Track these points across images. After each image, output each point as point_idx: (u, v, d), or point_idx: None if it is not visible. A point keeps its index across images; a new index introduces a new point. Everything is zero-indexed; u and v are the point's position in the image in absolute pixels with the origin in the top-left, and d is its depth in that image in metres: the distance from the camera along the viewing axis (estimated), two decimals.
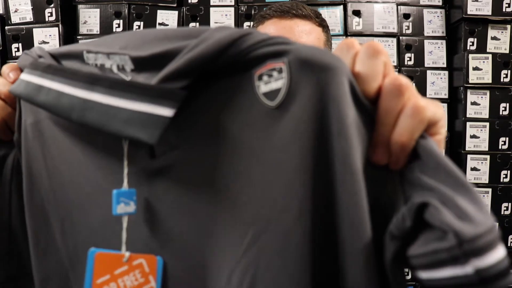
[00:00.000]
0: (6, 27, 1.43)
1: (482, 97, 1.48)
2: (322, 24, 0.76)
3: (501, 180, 1.48)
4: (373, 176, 0.30)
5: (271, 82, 0.30)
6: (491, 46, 1.49)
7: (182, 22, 1.48)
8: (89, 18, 1.47)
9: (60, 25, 1.43)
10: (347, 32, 1.49)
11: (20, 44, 1.43)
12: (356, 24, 1.50)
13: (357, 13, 1.50)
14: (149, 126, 0.30)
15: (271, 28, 0.73)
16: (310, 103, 0.29)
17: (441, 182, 0.27)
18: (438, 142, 0.30)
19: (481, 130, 1.48)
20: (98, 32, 1.47)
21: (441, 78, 1.51)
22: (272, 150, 0.30)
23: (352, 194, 0.28)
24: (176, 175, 0.34)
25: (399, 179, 0.30)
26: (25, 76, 0.38)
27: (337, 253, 0.30)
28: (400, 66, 1.50)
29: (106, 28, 1.47)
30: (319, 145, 0.29)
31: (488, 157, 1.48)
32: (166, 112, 0.30)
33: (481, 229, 0.25)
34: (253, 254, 0.31)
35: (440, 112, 0.30)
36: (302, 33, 0.71)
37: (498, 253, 0.25)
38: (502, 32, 1.49)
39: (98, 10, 1.47)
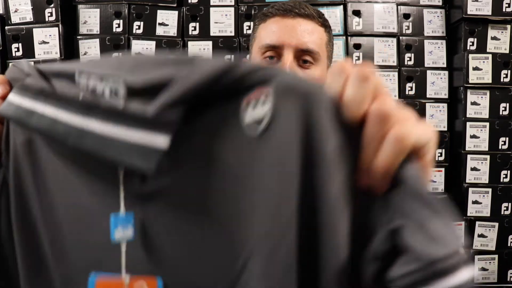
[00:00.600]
0: (6, 27, 1.43)
1: (482, 97, 1.48)
2: (325, 24, 0.75)
3: (501, 180, 1.48)
4: (357, 199, 0.31)
5: (256, 110, 0.31)
6: (491, 46, 1.49)
7: (182, 22, 1.48)
8: (89, 18, 1.48)
9: (60, 25, 1.43)
10: (347, 32, 1.49)
11: (20, 44, 1.43)
12: (356, 24, 1.50)
13: (357, 13, 1.50)
14: (146, 156, 0.31)
15: (273, 26, 0.72)
16: (292, 131, 0.30)
17: (418, 208, 0.29)
18: (424, 164, 0.31)
19: (481, 130, 1.48)
20: (98, 32, 1.47)
21: (441, 78, 1.52)
22: (257, 178, 0.32)
23: (329, 223, 0.30)
24: (168, 198, 0.34)
25: (381, 203, 0.31)
26: (14, 98, 0.37)
27: (319, 278, 0.31)
28: (400, 66, 1.50)
29: (106, 28, 1.47)
30: (300, 173, 0.30)
31: (488, 157, 1.48)
32: (161, 142, 0.31)
33: (447, 251, 0.27)
34: (244, 279, 0.32)
35: (427, 134, 0.31)
36: (304, 32, 0.71)
37: (464, 275, 0.27)
38: (502, 32, 1.49)
39: (98, 10, 1.47)
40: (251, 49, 0.79)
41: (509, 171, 1.48)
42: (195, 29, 1.48)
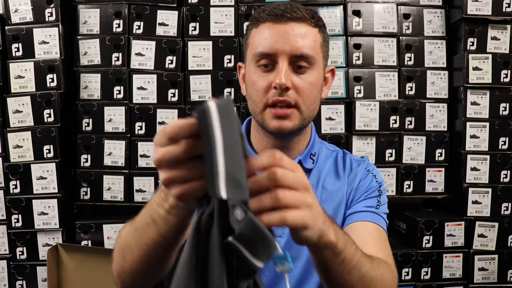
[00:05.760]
0: (6, 27, 1.43)
1: (482, 97, 1.48)
2: (318, 24, 0.74)
3: (501, 180, 1.48)
4: None
5: None
6: (491, 46, 1.49)
7: (182, 22, 1.48)
8: (89, 18, 1.48)
9: (60, 25, 1.43)
10: (347, 32, 1.49)
11: (20, 44, 1.43)
12: (356, 24, 1.50)
13: (357, 13, 1.50)
14: None
15: (266, 32, 0.71)
16: None
17: None
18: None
19: (481, 130, 1.48)
20: (98, 32, 1.47)
21: (441, 78, 1.52)
22: None
23: None
24: None
25: None
26: None
27: None
28: (400, 66, 1.50)
29: (106, 28, 1.47)
30: None
31: (488, 157, 1.48)
32: None
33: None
34: None
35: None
36: (298, 37, 0.70)
37: None
38: (502, 32, 1.49)
39: (98, 10, 1.47)
40: (245, 54, 0.77)
41: (509, 171, 1.48)
42: (195, 29, 1.48)
